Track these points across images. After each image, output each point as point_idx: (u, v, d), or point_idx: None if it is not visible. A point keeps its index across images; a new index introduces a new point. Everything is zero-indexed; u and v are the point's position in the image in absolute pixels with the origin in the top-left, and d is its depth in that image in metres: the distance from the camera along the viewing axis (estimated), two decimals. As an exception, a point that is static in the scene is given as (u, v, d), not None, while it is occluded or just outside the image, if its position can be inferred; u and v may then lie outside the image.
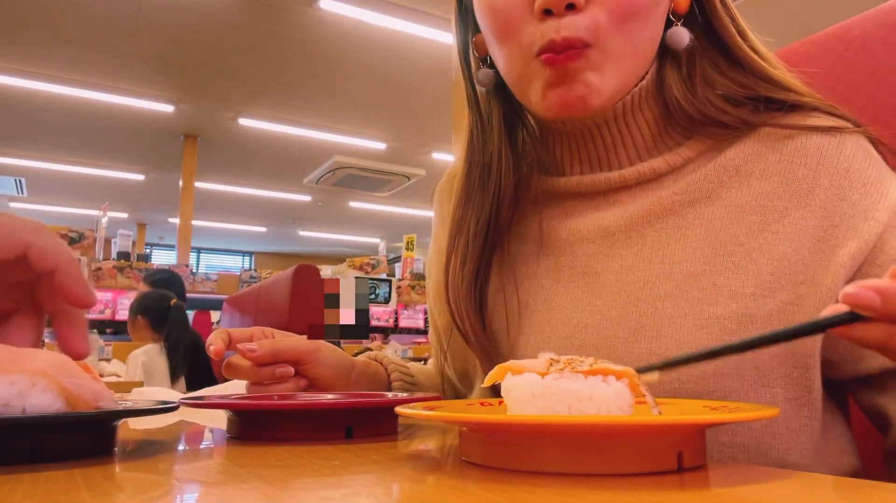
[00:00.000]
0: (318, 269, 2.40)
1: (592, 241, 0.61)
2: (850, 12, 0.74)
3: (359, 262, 6.61)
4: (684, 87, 0.59)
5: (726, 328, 0.52)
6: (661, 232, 0.58)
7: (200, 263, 12.75)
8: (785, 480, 0.33)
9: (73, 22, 4.77)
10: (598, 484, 0.31)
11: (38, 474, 0.34)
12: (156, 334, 2.96)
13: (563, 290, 0.61)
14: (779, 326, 0.51)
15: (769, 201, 0.55)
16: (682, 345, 0.52)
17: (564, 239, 0.63)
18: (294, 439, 0.49)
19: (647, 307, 0.55)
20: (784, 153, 0.56)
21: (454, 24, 0.70)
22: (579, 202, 0.63)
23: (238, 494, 0.31)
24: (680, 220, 0.58)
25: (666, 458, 0.34)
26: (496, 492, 0.30)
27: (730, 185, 0.57)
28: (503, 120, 0.65)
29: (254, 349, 0.63)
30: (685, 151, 0.60)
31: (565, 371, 0.38)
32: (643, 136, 0.61)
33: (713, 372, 0.51)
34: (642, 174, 0.60)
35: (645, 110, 0.60)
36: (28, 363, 0.39)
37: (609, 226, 0.61)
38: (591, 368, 0.38)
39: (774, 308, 0.52)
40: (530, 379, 0.38)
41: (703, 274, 0.55)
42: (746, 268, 0.53)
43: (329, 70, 5.59)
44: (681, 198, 0.58)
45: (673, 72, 0.59)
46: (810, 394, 0.52)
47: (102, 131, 6.90)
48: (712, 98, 0.58)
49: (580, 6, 0.52)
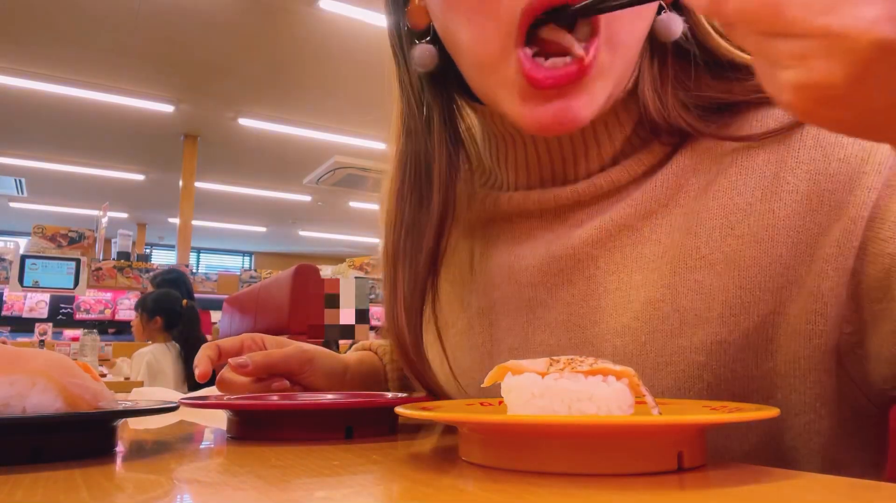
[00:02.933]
0: (318, 269, 2.40)
1: (538, 269, 0.53)
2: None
3: (359, 262, 6.60)
4: (654, 91, 0.50)
5: (694, 361, 0.45)
6: (615, 252, 0.50)
7: (200, 263, 12.75)
8: (785, 480, 0.33)
9: (73, 22, 4.76)
10: (598, 484, 0.31)
11: (38, 474, 0.34)
12: (166, 335, 2.97)
13: (506, 327, 0.54)
14: (759, 345, 0.44)
15: (730, 199, 0.46)
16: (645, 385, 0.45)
17: (506, 266, 0.54)
18: (294, 439, 0.49)
19: (603, 344, 0.48)
20: (741, 143, 0.48)
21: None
22: (523, 222, 0.54)
23: (238, 494, 0.31)
24: (635, 235, 0.50)
25: (666, 458, 0.34)
26: (496, 492, 0.30)
27: (688, 189, 0.49)
28: (443, 115, 0.54)
29: (245, 364, 0.60)
30: (647, 157, 0.51)
31: (565, 371, 0.38)
32: (613, 146, 0.52)
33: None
34: (598, 188, 0.51)
35: (622, 117, 0.51)
36: (28, 363, 0.39)
37: (556, 250, 0.52)
38: (591, 368, 0.38)
39: (751, 325, 0.44)
40: (530, 379, 0.38)
41: (664, 299, 0.47)
42: (711, 285, 0.46)
43: (329, 70, 5.59)
44: (635, 209, 0.50)
45: (647, 69, 0.50)
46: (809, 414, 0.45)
47: (102, 131, 6.89)
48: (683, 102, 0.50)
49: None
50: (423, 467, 0.39)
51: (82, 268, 4.70)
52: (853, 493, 0.31)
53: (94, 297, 5.93)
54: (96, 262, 5.48)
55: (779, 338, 0.45)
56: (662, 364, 0.46)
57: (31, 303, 5.68)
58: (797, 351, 0.44)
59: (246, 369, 0.60)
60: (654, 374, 0.46)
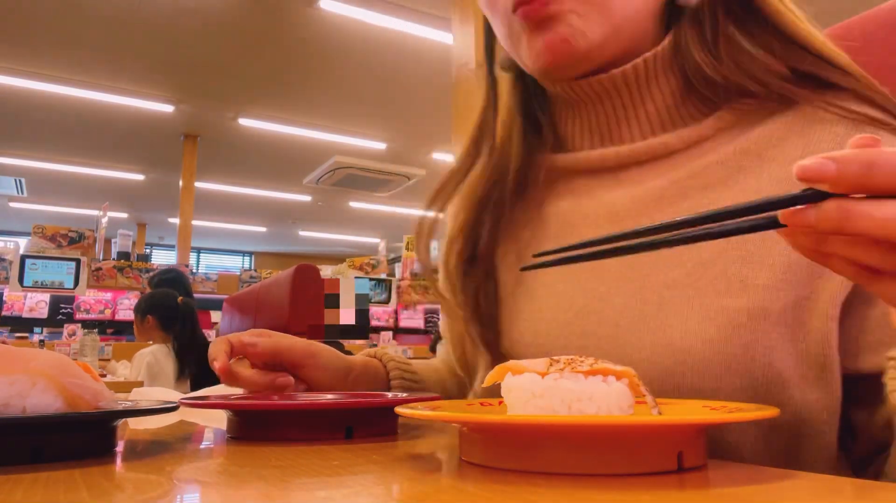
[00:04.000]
0: (318, 269, 2.40)
1: (598, 223, 0.58)
2: (850, 12, 0.74)
3: (359, 262, 6.60)
4: (705, 50, 0.54)
5: (736, 321, 0.48)
6: (670, 213, 0.54)
7: (200, 263, 12.75)
8: (785, 480, 0.33)
9: (73, 22, 4.76)
10: (598, 484, 0.31)
11: (38, 474, 0.34)
12: (165, 334, 2.95)
13: (565, 275, 0.58)
14: (793, 323, 0.48)
15: (788, 189, 0.50)
16: (687, 336, 0.49)
17: (569, 220, 0.60)
18: (294, 439, 0.49)
19: (652, 295, 0.52)
20: (811, 140, 0.51)
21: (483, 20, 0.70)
22: (587, 180, 0.60)
23: (238, 494, 0.31)
24: (694, 204, 0.54)
25: (666, 458, 0.34)
26: (496, 492, 0.30)
27: (749, 172, 0.52)
28: (519, 105, 0.65)
29: (254, 343, 0.62)
30: (702, 128, 0.56)
31: (565, 371, 0.38)
32: (657, 108, 0.57)
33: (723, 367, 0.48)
34: (654, 150, 0.57)
35: (661, 79, 0.56)
36: (28, 363, 0.39)
37: (617, 206, 0.57)
38: (592, 368, 0.38)
39: (789, 302, 0.48)
40: (530, 379, 0.38)
41: (715, 262, 0.51)
42: (761, 257, 0.49)
43: (329, 70, 5.58)
44: (696, 182, 0.54)
45: (692, 33, 0.55)
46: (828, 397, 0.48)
47: (102, 131, 6.89)
48: (744, 62, 0.53)
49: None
50: (423, 467, 0.39)
51: (82, 269, 4.70)
52: (853, 493, 0.31)
53: (94, 297, 5.92)
54: (96, 262, 5.48)
55: (811, 322, 0.48)
56: (706, 318, 0.49)
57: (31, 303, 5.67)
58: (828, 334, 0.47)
59: (255, 348, 0.62)
60: (697, 326, 0.49)
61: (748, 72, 0.53)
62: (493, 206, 0.63)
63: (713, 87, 0.55)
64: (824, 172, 0.29)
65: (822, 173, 0.29)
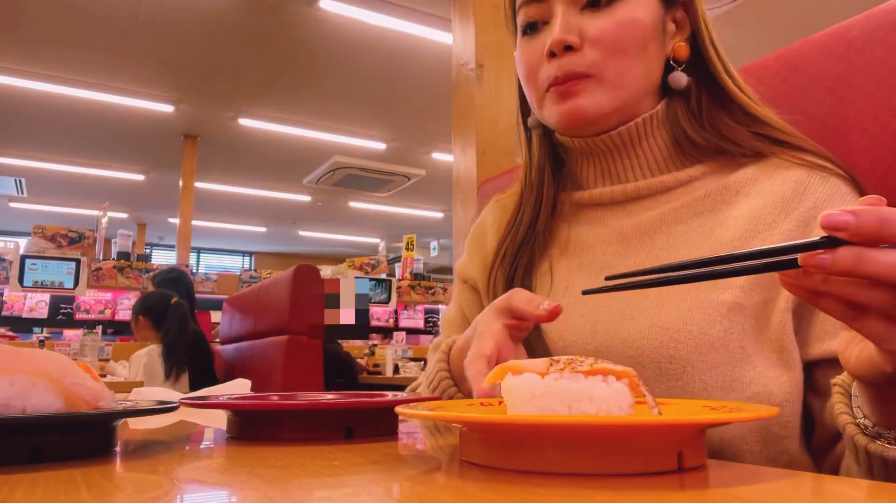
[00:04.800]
0: (318, 269, 2.40)
1: (611, 244, 0.73)
2: (850, 12, 0.74)
3: (359, 262, 6.61)
4: (691, 119, 0.71)
5: (718, 311, 0.61)
6: (670, 237, 0.69)
7: (200, 263, 12.75)
8: (785, 480, 0.33)
9: (73, 22, 4.77)
10: (598, 484, 0.31)
11: (38, 474, 0.34)
12: (158, 334, 2.94)
13: (583, 282, 0.72)
14: (761, 319, 0.61)
15: (761, 215, 0.65)
16: (680, 320, 0.61)
17: (588, 242, 0.75)
18: (294, 439, 0.49)
19: (652, 291, 0.64)
20: (778, 179, 0.66)
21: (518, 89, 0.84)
22: (601, 212, 0.76)
23: (238, 494, 0.31)
24: (686, 227, 0.69)
25: (666, 458, 0.34)
26: (496, 492, 0.30)
27: (730, 203, 0.68)
28: (548, 154, 0.81)
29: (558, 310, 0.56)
30: (692, 171, 0.71)
31: (565, 371, 0.38)
32: (654, 156, 0.73)
33: (707, 345, 0.59)
34: (653, 187, 0.72)
35: (656, 135, 0.72)
36: (28, 363, 0.39)
37: (625, 231, 0.72)
38: (591, 368, 0.38)
39: (759, 301, 0.61)
40: (530, 379, 0.38)
41: None
42: None
43: (329, 70, 5.59)
44: (688, 210, 0.69)
45: (680, 106, 0.71)
46: (790, 373, 0.59)
47: (102, 131, 6.90)
48: (722, 128, 0.69)
49: (577, 47, 0.67)
50: (423, 467, 0.39)
51: (82, 269, 4.70)
52: (853, 493, 0.31)
53: (94, 298, 5.93)
54: (96, 262, 5.48)
55: (773, 316, 0.61)
56: (695, 308, 0.62)
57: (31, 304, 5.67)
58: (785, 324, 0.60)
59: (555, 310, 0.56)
60: (687, 314, 0.61)
61: (725, 135, 0.69)
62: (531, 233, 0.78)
63: (696, 147, 0.71)
64: (847, 223, 0.35)
65: (843, 223, 0.35)
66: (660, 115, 0.72)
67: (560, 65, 0.68)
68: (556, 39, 0.68)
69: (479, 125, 2.06)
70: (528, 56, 0.73)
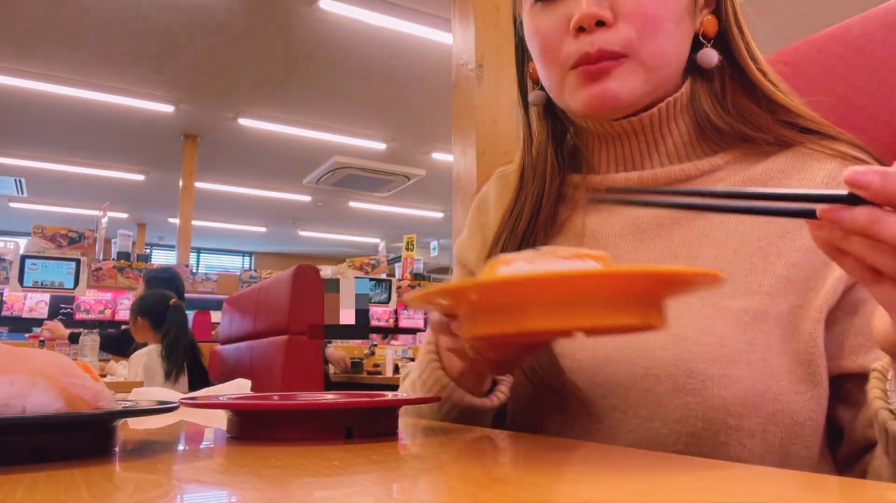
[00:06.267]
0: (318, 269, 2.40)
1: (624, 236, 0.66)
2: (850, 12, 0.74)
3: (359, 262, 6.61)
4: (715, 103, 0.64)
5: (741, 320, 0.55)
6: (689, 231, 0.63)
7: (200, 263, 12.74)
8: (785, 480, 0.33)
9: (74, 22, 4.77)
10: (598, 483, 0.31)
11: (38, 474, 0.34)
12: (157, 335, 2.95)
13: None
14: (788, 328, 0.56)
15: None
16: (699, 329, 0.56)
17: (600, 232, 0.68)
18: (294, 439, 0.49)
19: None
20: (808, 173, 0.60)
21: (515, 57, 0.77)
22: None
23: (238, 494, 0.31)
24: (707, 222, 0.62)
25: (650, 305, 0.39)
26: (496, 492, 0.30)
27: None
28: (550, 133, 0.73)
29: None
30: (716, 160, 0.65)
31: (548, 256, 0.41)
32: (675, 143, 0.66)
33: (727, 358, 0.54)
34: (673, 176, 0.65)
35: (679, 120, 0.66)
36: (28, 363, 0.39)
37: (640, 222, 0.66)
38: (571, 254, 0.42)
39: (786, 309, 0.56)
40: (519, 265, 0.41)
41: (724, 271, 0.54)
42: (764, 269, 0.57)
43: (329, 70, 5.59)
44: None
45: (704, 88, 0.65)
46: (815, 390, 0.55)
47: (102, 131, 6.89)
48: (746, 112, 0.63)
49: (609, 23, 0.59)
50: (423, 467, 0.39)
51: (82, 269, 4.70)
52: (854, 493, 0.31)
53: (94, 298, 5.92)
54: (96, 262, 5.48)
55: (802, 326, 0.56)
56: (714, 316, 0.56)
57: (31, 304, 5.67)
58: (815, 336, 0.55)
59: None
60: (705, 322, 0.56)
61: (749, 120, 0.63)
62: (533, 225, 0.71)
63: (719, 134, 0.64)
64: (869, 183, 0.34)
65: (867, 182, 0.34)
66: (684, 97, 0.65)
67: (593, 41, 0.60)
68: (587, 13, 0.59)
69: (479, 125, 2.06)
70: (546, 28, 0.64)
